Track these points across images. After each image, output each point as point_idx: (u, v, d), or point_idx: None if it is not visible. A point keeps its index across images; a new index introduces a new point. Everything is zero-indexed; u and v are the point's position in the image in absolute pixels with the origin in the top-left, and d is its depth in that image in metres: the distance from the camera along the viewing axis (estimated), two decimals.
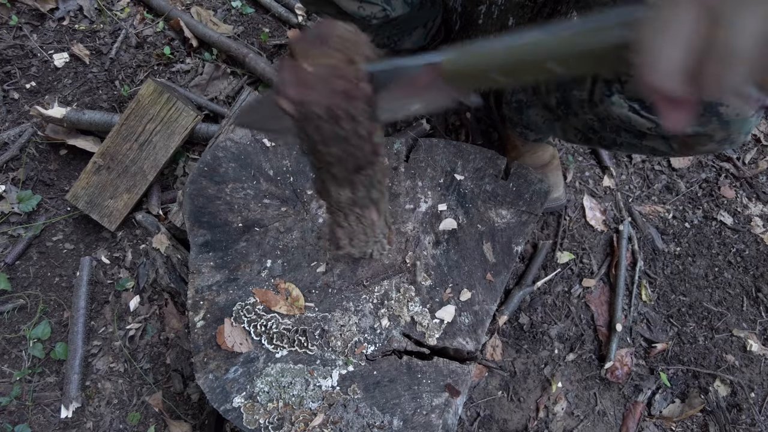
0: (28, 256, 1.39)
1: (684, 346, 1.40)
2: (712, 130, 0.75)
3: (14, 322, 1.33)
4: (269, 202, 1.05)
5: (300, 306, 0.97)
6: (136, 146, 1.35)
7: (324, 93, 0.47)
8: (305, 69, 0.47)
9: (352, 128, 0.51)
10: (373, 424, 0.92)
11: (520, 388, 1.33)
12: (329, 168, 0.61)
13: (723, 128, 0.74)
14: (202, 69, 1.58)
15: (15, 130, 1.48)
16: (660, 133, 0.81)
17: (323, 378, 0.94)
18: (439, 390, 0.95)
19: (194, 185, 1.03)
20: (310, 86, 0.47)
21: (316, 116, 0.48)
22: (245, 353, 0.94)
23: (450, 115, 1.55)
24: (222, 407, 0.91)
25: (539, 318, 1.39)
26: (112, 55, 1.57)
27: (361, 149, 0.57)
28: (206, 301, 0.97)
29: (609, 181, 1.54)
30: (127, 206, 1.37)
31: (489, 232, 1.06)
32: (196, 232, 1.01)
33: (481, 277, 1.03)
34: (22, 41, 1.57)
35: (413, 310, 0.99)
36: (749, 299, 1.45)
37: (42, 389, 1.28)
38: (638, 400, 1.34)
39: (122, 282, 1.36)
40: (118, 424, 1.26)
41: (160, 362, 1.31)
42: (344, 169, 0.61)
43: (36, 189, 1.44)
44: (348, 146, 0.55)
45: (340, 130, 0.51)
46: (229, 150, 1.07)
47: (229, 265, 0.99)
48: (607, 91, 0.84)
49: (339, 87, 0.47)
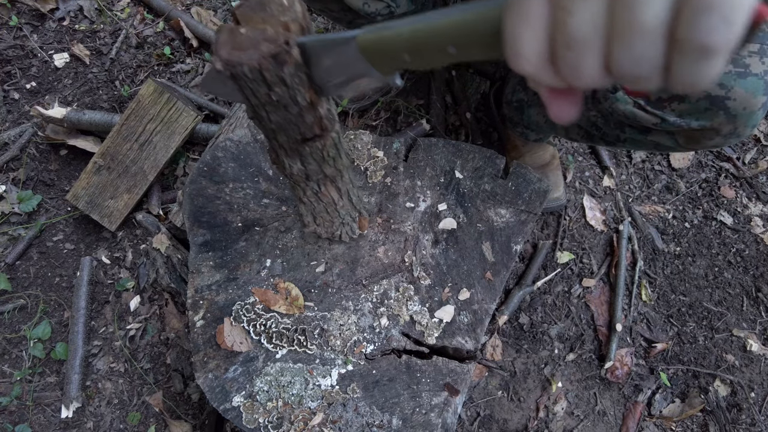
0: (29, 256, 1.39)
1: (684, 346, 1.40)
2: (719, 123, 0.75)
3: (15, 322, 1.33)
4: (269, 201, 1.05)
5: (299, 305, 0.97)
6: (137, 146, 1.35)
7: (252, 55, 0.49)
8: (240, 31, 0.50)
9: (286, 94, 0.54)
10: (372, 423, 0.92)
11: (520, 387, 1.33)
12: (275, 136, 0.64)
13: (730, 122, 0.74)
14: (202, 69, 1.58)
15: (15, 130, 1.48)
16: (665, 128, 0.80)
17: (322, 377, 0.94)
18: (439, 389, 0.95)
19: (194, 185, 1.03)
20: (240, 48, 0.50)
21: (245, 76, 0.51)
22: (245, 353, 0.94)
23: (450, 114, 1.55)
24: (222, 407, 0.91)
25: (539, 318, 1.39)
26: (112, 56, 1.58)
27: (302, 119, 0.59)
28: (206, 300, 0.97)
29: (609, 181, 1.54)
30: (127, 206, 1.38)
31: (488, 231, 1.06)
32: (196, 232, 1.01)
33: (480, 276, 1.03)
34: (23, 41, 1.57)
35: (412, 309, 0.99)
36: (749, 299, 1.45)
37: (42, 389, 1.28)
38: (638, 399, 1.33)
39: (122, 282, 1.36)
40: (118, 424, 1.26)
41: (160, 362, 1.31)
42: (288, 138, 0.64)
43: (36, 189, 1.45)
44: (287, 114, 0.58)
45: (274, 94, 0.54)
46: (229, 150, 1.07)
47: (229, 265, 0.99)
48: (611, 88, 0.84)
49: (267, 50, 0.49)
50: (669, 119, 0.78)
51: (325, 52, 0.51)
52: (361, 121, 1.54)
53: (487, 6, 0.36)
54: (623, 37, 0.27)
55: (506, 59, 0.34)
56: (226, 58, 0.49)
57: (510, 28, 0.32)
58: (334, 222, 0.91)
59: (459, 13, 0.38)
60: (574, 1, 0.28)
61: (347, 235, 0.98)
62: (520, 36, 0.31)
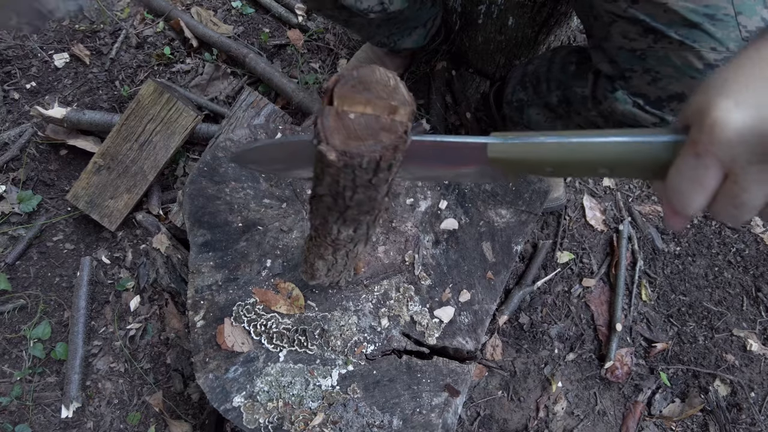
0: (29, 256, 1.39)
1: (684, 346, 1.40)
2: None
3: (15, 322, 1.33)
4: (269, 202, 1.05)
5: (300, 305, 0.97)
6: (137, 146, 1.35)
7: (374, 147, 0.46)
8: (349, 117, 0.46)
9: (385, 176, 0.51)
10: (372, 424, 0.92)
11: (520, 387, 1.33)
12: (344, 211, 0.59)
13: None
14: (202, 69, 1.58)
15: (15, 130, 1.48)
16: None
17: (323, 377, 0.94)
18: (439, 389, 0.95)
19: (194, 185, 1.03)
20: (357, 137, 0.46)
21: (359, 166, 0.47)
22: (245, 353, 0.94)
23: (450, 114, 1.55)
24: (222, 407, 0.91)
25: (539, 318, 1.39)
26: (112, 56, 1.58)
27: (382, 193, 0.56)
28: (206, 300, 0.97)
29: (609, 181, 1.54)
30: (127, 206, 1.38)
31: (488, 231, 1.06)
32: (196, 232, 1.01)
33: (480, 276, 1.03)
34: (23, 41, 1.57)
35: (413, 309, 0.99)
36: (749, 299, 1.45)
37: (42, 389, 1.28)
38: (638, 399, 1.34)
39: (122, 282, 1.36)
40: (118, 424, 1.26)
41: (160, 362, 1.31)
42: (360, 212, 0.60)
43: (36, 189, 1.45)
44: (373, 192, 0.54)
45: (376, 178, 0.50)
46: (229, 150, 1.07)
47: (229, 265, 0.99)
48: (611, 88, 0.83)
49: (388, 141, 0.46)
50: (668, 119, 0.78)
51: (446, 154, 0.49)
52: None
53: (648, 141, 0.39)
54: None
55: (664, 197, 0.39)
56: (342, 149, 0.45)
57: (679, 185, 0.37)
58: (343, 272, 0.89)
59: (615, 138, 0.40)
60: (749, 182, 0.34)
61: (345, 280, 0.97)
62: (691, 195, 0.37)
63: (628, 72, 0.79)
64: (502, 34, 1.35)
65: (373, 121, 0.46)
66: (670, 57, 0.72)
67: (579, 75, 0.94)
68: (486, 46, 1.43)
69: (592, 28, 0.86)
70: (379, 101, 0.47)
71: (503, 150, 0.45)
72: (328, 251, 0.75)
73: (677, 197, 0.37)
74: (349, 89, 0.47)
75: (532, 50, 1.40)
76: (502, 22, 1.31)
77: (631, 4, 0.73)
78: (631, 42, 0.76)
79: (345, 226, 0.64)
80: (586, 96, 0.92)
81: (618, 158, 0.40)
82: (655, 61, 0.74)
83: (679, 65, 0.71)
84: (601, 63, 0.84)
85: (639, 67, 0.77)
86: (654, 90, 0.76)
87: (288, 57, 1.64)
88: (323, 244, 0.72)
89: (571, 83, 0.96)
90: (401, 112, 0.47)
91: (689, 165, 0.36)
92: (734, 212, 0.36)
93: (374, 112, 0.47)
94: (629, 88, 0.80)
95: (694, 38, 0.69)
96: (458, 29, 1.47)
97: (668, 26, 0.70)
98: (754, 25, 0.68)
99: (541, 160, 0.43)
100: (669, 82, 0.74)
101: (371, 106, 0.47)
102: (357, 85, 0.47)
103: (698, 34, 0.68)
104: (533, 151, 0.44)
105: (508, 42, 1.37)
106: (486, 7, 1.30)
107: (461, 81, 1.56)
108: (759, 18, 0.68)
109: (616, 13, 0.76)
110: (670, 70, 0.73)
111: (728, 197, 0.36)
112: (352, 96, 0.47)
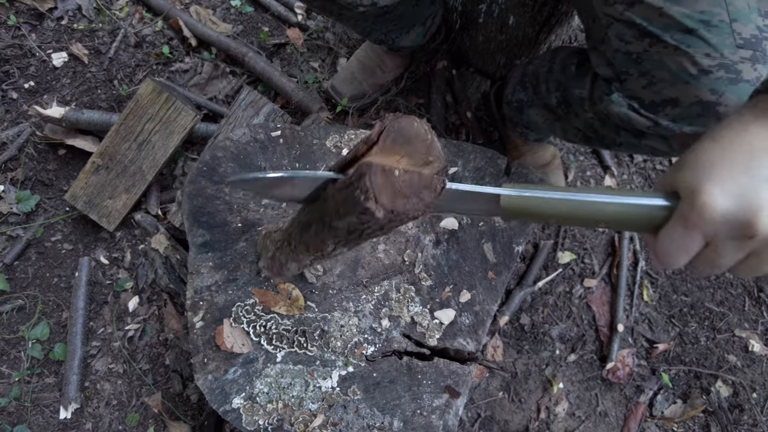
0: (27, 256, 1.39)
1: (686, 347, 1.39)
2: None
3: (13, 323, 1.33)
4: (268, 202, 1.04)
5: (300, 306, 0.96)
6: (135, 146, 1.35)
7: (416, 205, 0.49)
8: (394, 174, 0.49)
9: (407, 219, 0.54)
10: (373, 425, 0.91)
11: (521, 388, 1.32)
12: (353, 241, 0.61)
13: None
14: (201, 68, 1.58)
15: (13, 129, 1.47)
16: (659, 132, 0.80)
17: (323, 379, 0.93)
18: (440, 391, 0.94)
19: (193, 185, 1.03)
20: (402, 194, 0.49)
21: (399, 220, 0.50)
22: (244, 354, 0.93)
23: (450, 114, 1.54)
24: (221, 408, 0.90)
25: (540, 318, 1.38)
26: (110, 55, 1.57)
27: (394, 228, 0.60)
28: (205, 301, 0.96)
29: (610, 181, 1.54)
30: (125, 206, 1.37)
31: (489, 231, 1.06)
32: (195, 232, 1.00)
33: (481, 277, 1.02)
34: (21, 41, 1.56)
35: (413, 310, 0.98)
36: (751, 299, 1.45)
37: (41, 390, 1.27)
38: (640, 400, 1.33)
39: (121, 282, 1.35)
40: (117, 425, 1.25)
41: (159, 363, 1.30)
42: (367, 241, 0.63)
43: (35, 189, 1.44)
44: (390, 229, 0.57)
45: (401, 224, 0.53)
46: (228, 150, 1.06)
47: (229, 266, 0.98)
48: (607, 90, 0.83)
49: (428, 198, 0.50)
50: (662, 123, 0.78)
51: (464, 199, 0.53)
52: (361, 120, 1.53)
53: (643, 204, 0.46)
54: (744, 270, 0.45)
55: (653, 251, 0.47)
56: (390, 207, 0.48)
57: (668, 248, 0.44)
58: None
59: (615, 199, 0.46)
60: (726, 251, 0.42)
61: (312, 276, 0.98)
62: (676, 256, 0.45)
63: (623, 75, 0.79)
64: (502, 34, 1.34)
65: (417, 179, 0.49)
66: (665, 61, 0.72)
67: (579, 76, 0.94)
68: (487, 46, 1.42)
69: (591, 29, 0.85)
70: (418, 156, 0.51)
71: (514, 202, 0.49)
72: (308, 258, 0.75)
73: (665, 256, 0.45)
74: (390, 142, 0.50)
75: (533, 50, 1.39)
76: (503, 21, 1.31)
77: (628, 7, 0.73)
78: (627, 45, 0.76)
79: (344, 248, 0.65)
80: (583, 97, 0.92)
81: (617, 217, 0.46)
82: (651, 65, 0.74)
83: (673, 70, 0.71)
84: (599, 65, 0.84)
85: (635, 71, 0.77)
86: (649, 94, 0.76)
87: (287, 56, 1.64)
88: (306, 253, 0.72)
89: (571, 84, 0.96)
90: (435, 165, 0.51)
91: (678, 233, 0.43)
92: (709, 271, 0.45)
93: (413, 166, 0.51)
94: (625, 91, 0.80)
95: (689, 43, 0.69)
96: (459, 28, 1.46)
97: (664, 30, 0.70)
98: (749, 33, 0.68)
99: (548, 213, 0.49)
100: (664, 86, 0.74)
101: (410, 160, 0.51)
102: (398, 138, 0.50)
103: (693, 39, 0.69)
104: (541, 206, 0.48)
105: (509, 41, 1.36)
106: (487, 6, 1.30)
107: (462, 80, 1.55)
108: (753, 26, 0.68)
109: (613, 15, 0.76)
110: (665, 74, 0.73)
111: (707, 260, 0.44)
112: (392, 148, 0.50)
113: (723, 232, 0.41)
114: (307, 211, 0.65)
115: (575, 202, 0.47)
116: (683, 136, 0.79)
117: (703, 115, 0.73)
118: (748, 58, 0.68)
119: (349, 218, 0.52)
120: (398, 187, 0.48)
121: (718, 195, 0.41)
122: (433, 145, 0.52)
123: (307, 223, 0.65)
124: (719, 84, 0.69)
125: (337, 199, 0.53)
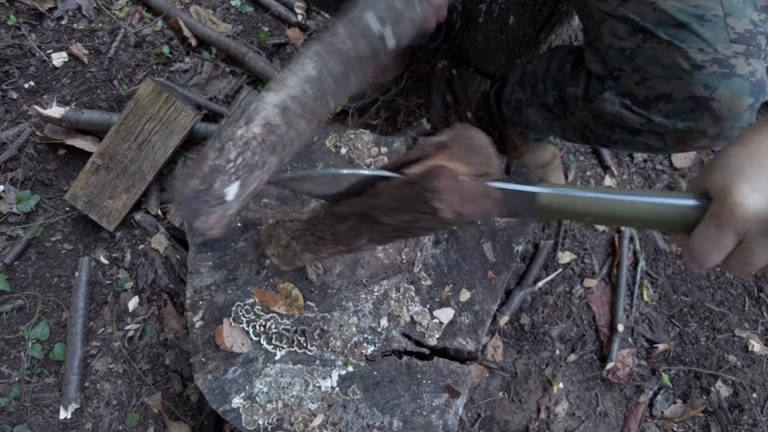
0: (27, 256, 1.39)
1: (686, 347, 1.39)
2: (704, 125, 0.75)
3: (13, 323, 1.33)
4: (268, 201, 1.04)
5: (299, 306, 0.96)
6: (135, 146, 1.35)
7: (478, 211, 0.52)
8: (461, 180, 0.52)
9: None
10: (372, 425, 0.91)
11: (521, 388, 1.32)
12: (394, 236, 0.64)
13: (715, 123, 0.74)
14: (201, 68, 1.58)
15: (13, 129, 1.47)
16: (653, 129, 0.80)
17: (323, 378, 0.93)
18: (440, 390, 0.94)
19: None
20: (468, 199, 0.52)
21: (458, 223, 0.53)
22: (244, 354, 0.93)
23: (450, 114, 1.54)
24: (221, 408, 0.90)
25: (540, 318, 1.38)
26: (110, 55, 1.57)
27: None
28: (205, 301, 0.96)
29: (610, 181, 1.53)
30: (125, 206, 1.37)
31: (489, 231, 1.05)
32: (195, 232, 1.00)
33: (481, 276, 1.02)
34: (21, 41, 1.56)
35: (413, 310, 0.98)
36: (751, 299, 1.45)
37: (41, 390, 1.27)
38: (640, 400, 1.33)
39: (121, 282, 1.35)
40: (117, 425, 1.25)
41: (159, 363, 1.30)
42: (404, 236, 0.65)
43: (35, 189, 1.44)
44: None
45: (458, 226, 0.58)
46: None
47: (228, 265, 0.98)
48: (600, 88, 0.83)
49: (488, 206, 0.53)
50: (655, 120, 0.78)
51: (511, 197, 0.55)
52: (361, 120, 1.53)
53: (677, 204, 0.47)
54: None
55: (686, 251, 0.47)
56: (458, 211, 0.51)
57: (702, 247, 0.45)
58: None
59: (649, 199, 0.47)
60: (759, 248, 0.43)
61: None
62: (710, 255, 0.45)
63: (616, 71, 0.79)
64: (503, 33, 1.34)
65: (478, 187, 0.53)
66: (659, 57, 0.72)
67: (574, 75, 0.94)
68: (487, 45, 1.42)
69: (586, 26, 0.86)
70: (478, 166, 0.54)
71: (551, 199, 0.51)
72: (330, 250, 0.75)
73: (700, 255, 0.46)
74: (457, 149, 0.54)
75: (533, 49, 1.39)
76: (503, 20, 1.31)
77: (622, 2, 0.73)
78: (620, 41, 0.76)
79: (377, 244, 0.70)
80: (578, 96, 0.92)
81: (651, 216, 0.47)
82: (644, 61, 0.74)
83: (667, 65, 0.71)
84: (593, 62, 0.84)
85: (628, 67, 0.77)
86: (642, 90, 0.76)
87: (287, 56, 1.64)
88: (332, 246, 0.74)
89: (567, 83, 0.96)
90: (490, 177, 0.54)
91: (711, 232, 0.44)
92: (744, 269, 0.46)
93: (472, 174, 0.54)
94: (618, 88, 0.80)
95: (682, 38, 0.69)
96: (459, 28, 1.46)
97: (657, 26, 0.70)
98: (743, 27, 0.68)
99: (584, 212, 0.49)
100: (657, 82, 0.74)
101: (470, 168, 0.54)
102: (465, 147, 0.54)
103: (686, 34, 0.68)
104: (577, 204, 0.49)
105: (509, 41, 1.36)
106: (487, 5, 1.30)
107: (462, 80, 1.55)
108: (748, 20, 0.68)
109: (606, 11, 0.76)
110: (659, 69, 0.73)
111: (740, 258, 0.45)
112: (458, 155, 0.54)
113: (755, 229, 0.42)
114: (347, 205, 0.66)
115: (611, 201, 0.48)
116: (676, 132, 0.79)
117: (696, 111, 0.73)
118: (742, 52, 0.68)
119: (403, 215, 0.55)
120: (464, 192, 0.51)
121: (749, 193, 0.42)
122: (492, 159, 0.55)
123: (345, 216, 0.66)
124: (712, 79, 0.69)
125: (395, 196, 0.56)
